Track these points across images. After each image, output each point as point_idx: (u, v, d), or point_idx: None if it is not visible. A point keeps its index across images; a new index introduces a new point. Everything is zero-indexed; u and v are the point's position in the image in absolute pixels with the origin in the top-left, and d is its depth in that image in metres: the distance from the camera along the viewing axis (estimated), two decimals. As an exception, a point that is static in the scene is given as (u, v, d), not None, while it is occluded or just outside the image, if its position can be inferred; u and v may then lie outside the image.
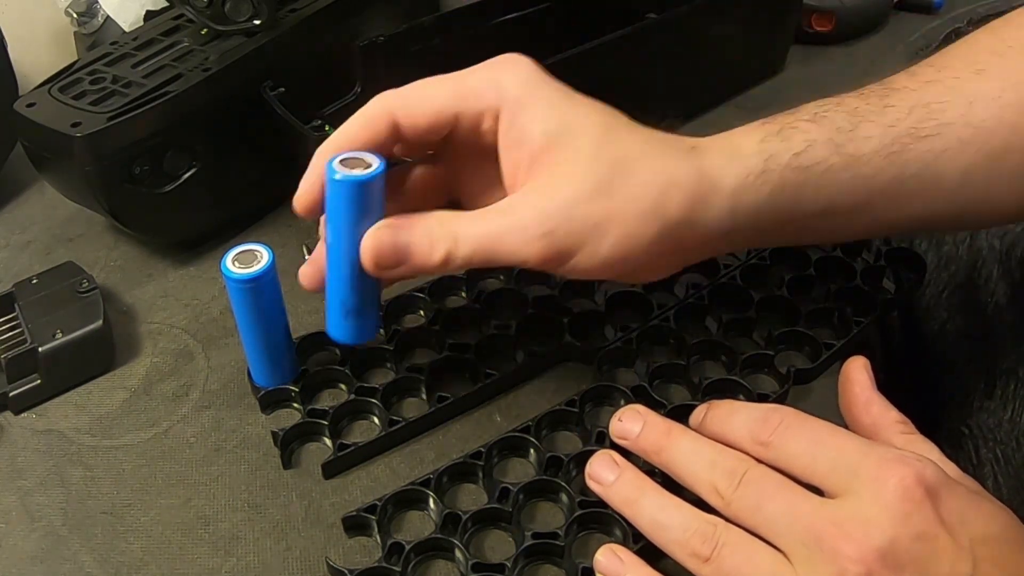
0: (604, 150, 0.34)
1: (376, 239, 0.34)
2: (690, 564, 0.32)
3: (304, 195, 0.35)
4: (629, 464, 0.35)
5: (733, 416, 0.34)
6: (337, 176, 0.33)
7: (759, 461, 0.32)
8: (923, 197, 0.37)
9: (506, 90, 0.34)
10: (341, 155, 0.34)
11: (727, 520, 0.32)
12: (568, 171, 0.33)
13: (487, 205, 0.35)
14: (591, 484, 0.35)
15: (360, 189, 0.33)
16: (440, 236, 0.34)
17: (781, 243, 0.39)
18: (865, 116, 0.36)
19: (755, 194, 0.35)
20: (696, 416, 0.36)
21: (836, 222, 0.37)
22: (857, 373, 0.37)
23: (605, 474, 0.35)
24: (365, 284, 0.36)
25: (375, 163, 0.34)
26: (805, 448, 0.31)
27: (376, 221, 0.34)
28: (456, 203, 0.39)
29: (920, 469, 0.29)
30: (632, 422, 0.36)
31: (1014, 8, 0.41)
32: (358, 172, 0.33)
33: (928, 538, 0.28)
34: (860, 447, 0.31)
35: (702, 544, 0.31)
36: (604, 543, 0.34)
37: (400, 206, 0.38)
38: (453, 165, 0.38)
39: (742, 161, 0.35)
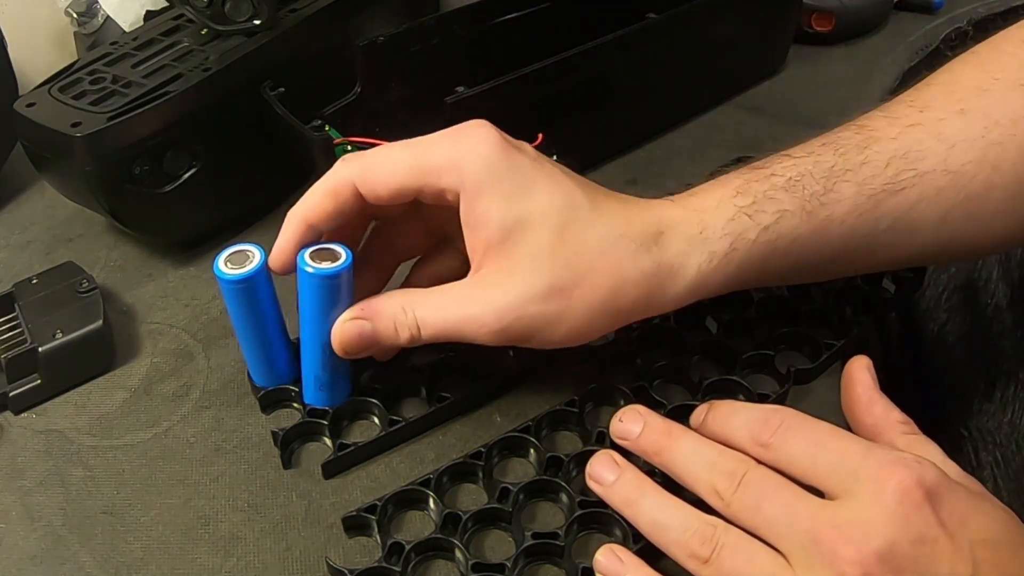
0: (559, 248, 0.34)
1: (344, 331, 0.36)
2: (690, 565, 0.32)
3: (277, 257, 0.37)
4: (629, 464, 0.35)
5: (733, 417, 0.34)
6: (308, 270, 0.35)
7: (759, 462, 0.32)
8: (896, 246, 0.38)
9: (465, 174, 0.34)
10: (312, 247, 0.36)
11: (727, 521, 0.32)
12: (523, 267, 0.34)
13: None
14: (591, 484, 0.35)
15: (328, 282, 0.36)
16: (404, 323, 0.36)
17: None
18: (840, 176, 0.36)
19: (720, 272, 0.36)
20: (696, 416, 0.36)
21: (804, 274, 0.39)
22: (860, 373, 0.37)
23: (605, 474, 0.35)
24: (335, 361, 0.38)
25: (343, 256, 0.36)
26: (805, 450, 0.31)
27: (345, 307, 0.37)
28: (448, 241, 0.40)
29: (920, 471, 0.29)
30: (632, 422, 0.36)
31: (1013, 8, 0.41)
32: (326, 266, 0.36)
33: (927, 541, 0.28)
34: (860, 449, 0.31)
35: (701, 545, 0.31)
36: (604, 543, 0.34)
37: (395, 251, 0.41)
38: (435, 215, 0.39)
39: (708, 246, 0.35)
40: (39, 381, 0.43)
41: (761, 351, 0.43)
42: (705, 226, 0.35)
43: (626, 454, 0.36)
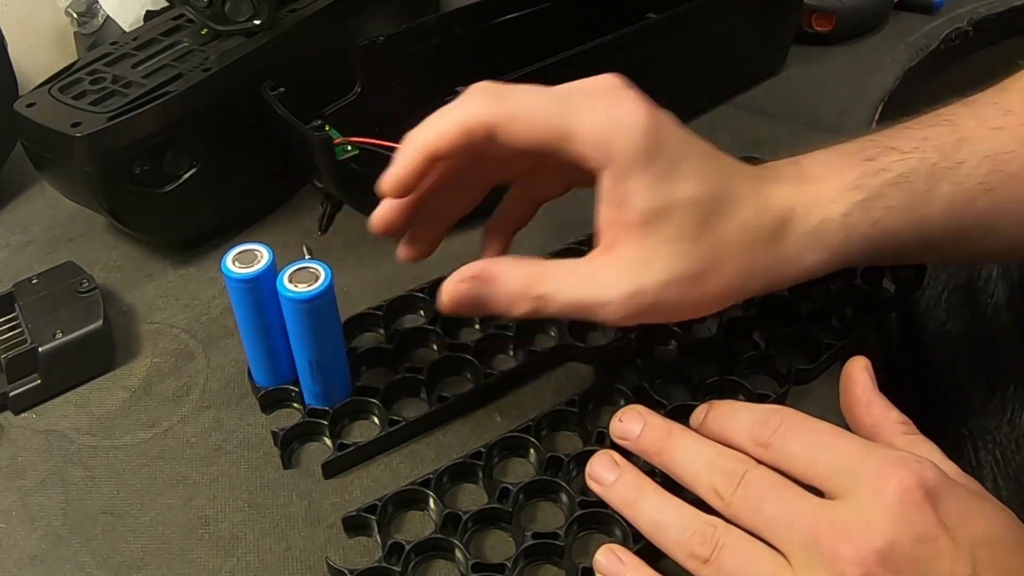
0: (701, 236, 0.34)
1: (455, 291, 0.35)
2: (690, 565, 0.32)
3: (393, 182, 0.34)
4: (629, 464, 0.35)
5: (734, 417, 0.34)
6: (287, 295, 0.36)
7: (759, 462, 0.32)
8: (982, 241, 0.39)
9: (615, 152, 0.33)
10: (291, 267, 0.36)
11: (727, 521, 0.32)
12: (664, 253, 0.34)
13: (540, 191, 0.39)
14: (591, 484, 0.35)
15: (308, 305, 0.36)
16: (525, 297, 0.34)
17: None
18: (942, 175, 0.37)
19: (829, 261, 0.37)
20: (696, 416, 0.36)
21: (892, 261, 0.43)
22: (859, 373, 0.37)
23: (605, 474, 0.35)
24: (325, 374, 0.39)
25: (322, 276, 0.36)
26: (805, 449, 0.31)
27: (330, 325, 0.37)
28: (549, 165, 0.38)
29: (920, 471, 0.29)
30: (632, 422, 0.36)
31: (1013, 8, 0.41)
32: (303, 288, 0.36)
33: (927, 540, 0.28)
34: (860, 448, 0.31)
35: (701, 545, 0.31)
36: (604, 543, 0.34)
37: (492, 178, 0.39)
38: (560, 166, 0.36)
39: (825, 238, 0.37)
40: (39, 381, 0.43)
41: (761, 351, 0.43)
42: (824, 219, 0.37)
43: (626, 454, 0.36)
